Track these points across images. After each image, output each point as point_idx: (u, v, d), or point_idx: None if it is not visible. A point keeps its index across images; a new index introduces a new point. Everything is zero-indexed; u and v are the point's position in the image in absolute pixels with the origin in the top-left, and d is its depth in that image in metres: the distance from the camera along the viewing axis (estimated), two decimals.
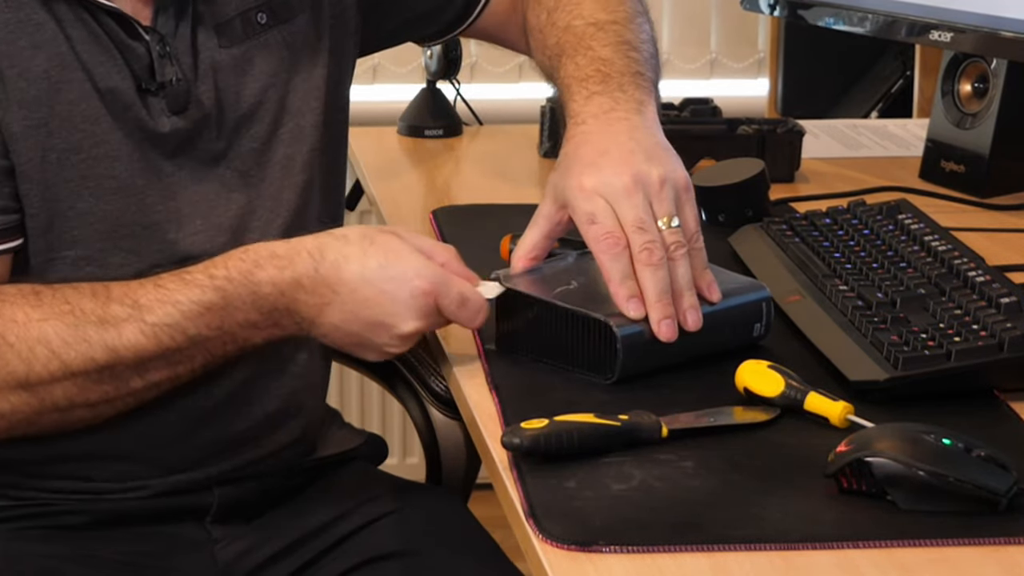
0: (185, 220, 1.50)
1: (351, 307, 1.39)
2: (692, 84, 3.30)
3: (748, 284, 1.49)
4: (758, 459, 1.26)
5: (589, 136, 1.47)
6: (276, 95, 1.55)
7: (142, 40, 1.47)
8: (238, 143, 1.53)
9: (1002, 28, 1.93)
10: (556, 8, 1.66)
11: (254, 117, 1.54)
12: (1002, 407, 1.37)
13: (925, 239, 1.61)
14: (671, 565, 1.12)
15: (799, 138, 2.09)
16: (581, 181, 1.42)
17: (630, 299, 1.39)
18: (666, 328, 1.39)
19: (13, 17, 1.42)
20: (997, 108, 2.04)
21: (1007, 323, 1.38)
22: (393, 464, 1.76)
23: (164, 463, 1.53)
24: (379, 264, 1.38)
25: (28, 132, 1.43)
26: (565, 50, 1.60)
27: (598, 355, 1.40)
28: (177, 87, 1.48)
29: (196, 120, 1.50)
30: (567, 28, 1.62)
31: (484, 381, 1.42)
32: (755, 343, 1.47)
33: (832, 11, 2.16)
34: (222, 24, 1.52)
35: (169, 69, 1.48)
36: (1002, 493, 1.18)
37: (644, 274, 1.39)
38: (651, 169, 1.43)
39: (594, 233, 1.40)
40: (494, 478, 1.28)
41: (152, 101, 1.48)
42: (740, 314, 1.46)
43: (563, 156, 1.48)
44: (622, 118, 1.49)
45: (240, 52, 1.53)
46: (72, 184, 1.45)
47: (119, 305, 1.39)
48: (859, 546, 1.14)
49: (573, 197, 1.42)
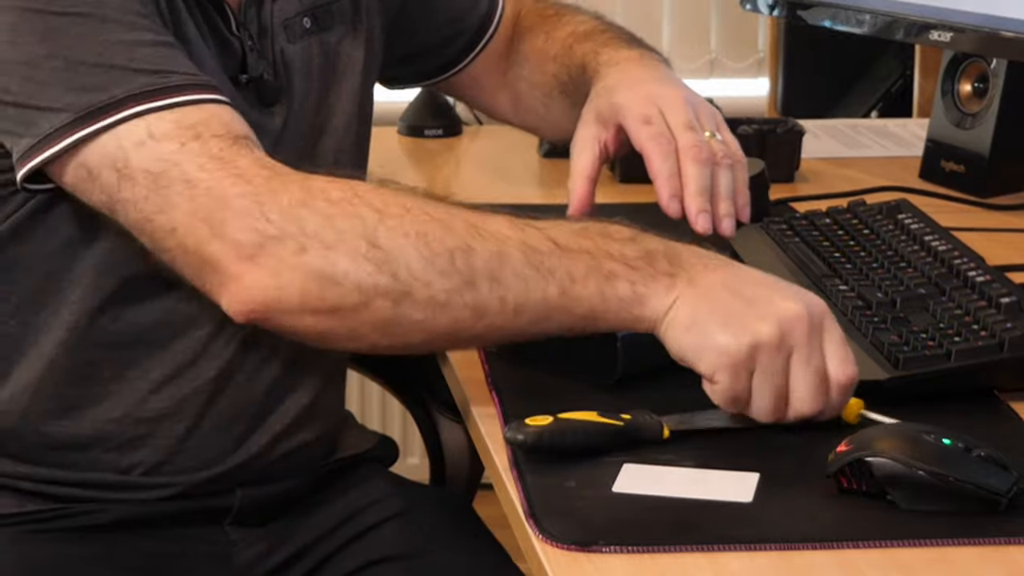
0: None
1: (741, 275, 1.29)
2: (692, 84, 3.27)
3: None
4: (758, 459, 1.26)
5: (630, 69, 1.60)
6: (316, 97, 1.57)
7: (236, 35, 1.49)
8: (298, 137, 1.55)
9: (1002, 28, 1.93)
10: (554, 28, 1.76)
11: (301, 114, 1.56)
12: (1002, 407, 1.37)
13: (925, 239, 1.61)
14: (671, 565, 1.12)
15: (799, 138, 2.09)
16: (635, 92, 1.54)
17: (672, 197, 1.45)
18: (703, 221, 1.44)
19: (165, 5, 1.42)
20: (997, 108, 2.04)
21: (1007, 323, 1.38)
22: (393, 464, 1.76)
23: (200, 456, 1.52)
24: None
25: None
26: (576, 42, 1.71)
27: (599, 356, 1.40)
28: (267, 81, 1.50)
29: (279, 113, 1.52)
30: (571, 33, 1.73)
31: (484, 381, 1.42)
32: None
33: (832, 11, 2.16)
34: (287, 21, 1.54)
35: (260, 64, 1.50)
36: (1002, 493, 1.18)
37: (689, 169, 1.45)
38: (695, 96, 1.56)
39: (648, 132, 1.49)
40: (494, 478, 1.28)
41: (246, 94, 1.49)
42: None
43: (603, 87, 1.58)
44: (656, 64, 1.63)
45: (299, 49, 1.55)
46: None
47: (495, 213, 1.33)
48: (859, 546, 1.14)
49: (628, 103, 1.52)
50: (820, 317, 1.27)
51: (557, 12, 1.81)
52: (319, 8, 1.58)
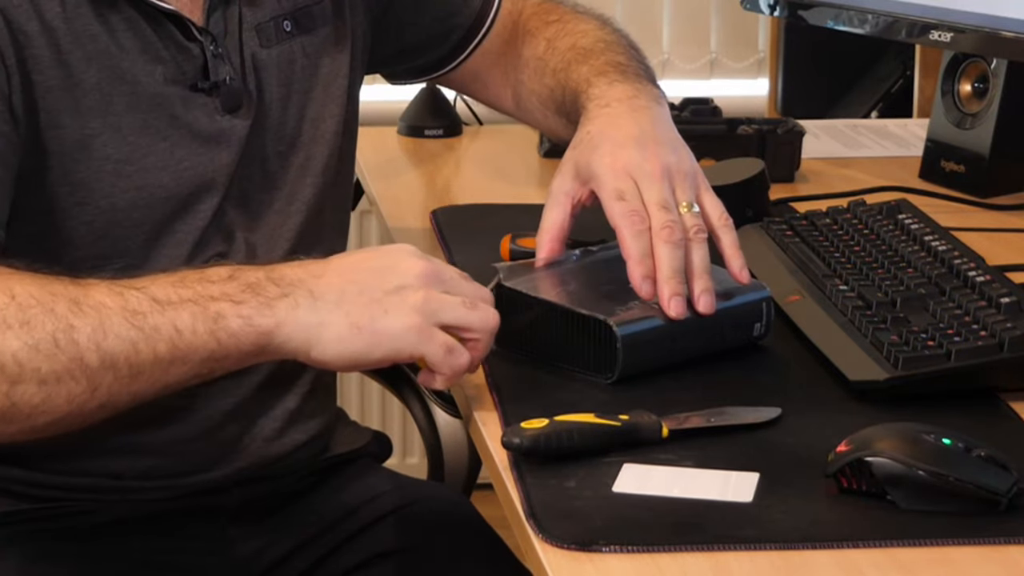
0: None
1: (348, 263, 1.35)
2: (692, 84, 3.30)
3: (749, 283, 1.49)
4: (758, 459, 1.26)
5: (616, 119, 1.54)
6: (299, 101, 1.57)
7: (196, 41, 1.49)
8: (269, 144, 1.55)
9: (1002, 28, 1.93)
10: (556, 36, 1.73)
11: (282, 119, 1.56)
12: (1002, 407, 1.37)
13: (925, 239, 1.61)
14: (671, 565, 1.12)
15: (799, 138, 2.09)
16: (613, 160, 1.49)
17: (645, 278, 1.42)
18: (676, 305, 1.41)
19: (70, 29, 1.43)
20: (997, 108, 2.04)
21: (1007, 323, 1.38)
22: (393, 464, 1.76)
23: (190, 461, 1.53)
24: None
25: (86, 140, 1.44)
26: (575, 59, 1.67)
27: (598, 355, 1.40)
28: (230, 86, 1.50)
29: (247, 118, 1.52)
30: (572, 47, 1.70)
31: (484, 381, 1.42)
32: (755, 343, 1.47)
33: (832, 11, 2.16)
34: (260, 25, 1.54)
35: (223, 68, 1.50)
36: (1002, 493, 1.18)
37: (662, 251, 1.42)
38: (676, 159, 1.50)
39: (621, 209, 1.45)
40: (494, 478, 1.28)
41: (205, 101, 1.49)
42: (740, 314, 1.46)
43: (587, 135, 1.53)
44: (645, 106, 1.56)
45: (275, 54, 1.55)
46: (128, 195, 1.46)
47: (99, 281, 1.35)
48: (859, 546, 1.14)
49: (603, 174, 1.48)
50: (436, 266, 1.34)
51: (561, 18, 1.78)
52: (300, 11, 1.57)
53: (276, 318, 1.30)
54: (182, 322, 1.29)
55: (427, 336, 1.31)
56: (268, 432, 1.56)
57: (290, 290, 1.32)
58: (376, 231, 3.25)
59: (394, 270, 1.33)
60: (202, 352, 1.30)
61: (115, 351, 1.28)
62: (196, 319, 1.30)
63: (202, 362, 1.31)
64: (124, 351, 1.28)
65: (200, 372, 1.32)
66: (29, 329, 1.27)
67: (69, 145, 1.43)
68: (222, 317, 1.30)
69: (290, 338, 1.31)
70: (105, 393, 1.29)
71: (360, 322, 1.31)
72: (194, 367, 1.31)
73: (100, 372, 1.28)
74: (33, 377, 1.27)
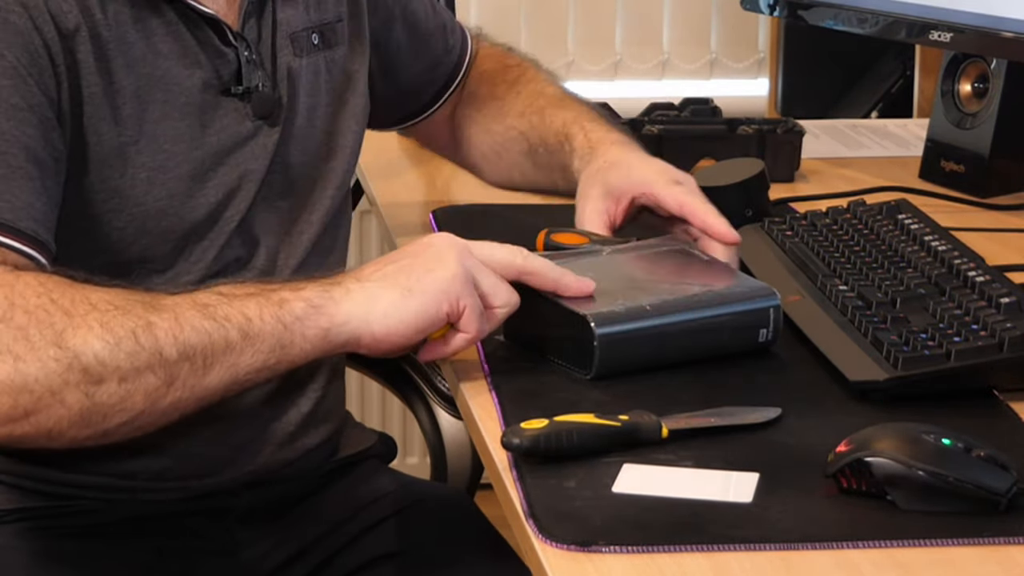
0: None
1: (381, 259, 1.39)
2: (692, 84, 3.30)
3: (757, 289, 1.49)
4: (758, 459, 1.26)
5: (629, 149, 1.69)
6: (323, 113, 1.59)
7: (232, 46, 1.51)
8: (296, 153, 1.57)
9: (1002, 28, 1.93)
10: (519, 81, 1.82)
11: (308, 130, 1.58)
12: (1002, 407, 1.37)
13: (925, 239, 1.61)
14: (671, 565, 1.12)
15: (799, 138, 2.09)
16: (651, 165, 1.65)
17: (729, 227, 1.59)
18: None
19: (111, 35, 1.44)
20: (997, 108, 2.04)
21: (1007, 323, 1.38)
22: (393, 463, 1.77)
23: (203, 464, 1.54)
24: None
25: (123, 148, 1.45)
26: (550, 105, 1.77)
27: (578, 351, 1.40)
28: (262, 92, 1.52)
29: (276, 125, 1.54)
30: (540, 93, 1.79)
31: (484, 381, 1.42)
32: (763, 348, 1.47)
33: (832, 11, 2.16)
34: (295, 35, 1.57)
35: (256, 74, 1.51)
36: (1002, 493, 1.18)
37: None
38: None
39: (682, 189, 1.61)
40: (494, 478, 1.28)
41: (237, 106, 1.51)
42: (741, 319, 1.46)
43: (607, 163, 1.66)
44: (640, 147, 1.72)
45: (305, 64, 1.57)
46: (160, 203, 1.47)
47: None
48: (859, 546, 1.14)
49: (649, 174, 1.63)
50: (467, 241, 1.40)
51: (520, 63, 1.86)
52: (326, 26, 1.60)
53: (334, 299, 1.34)
54: (250, 310, 1.33)
55: (470, 287, 1.36)
56: (281, 436, 1.57)
57: (339, 280, 1.37)
58: (376, 231, 3.25)
59: (428, 246, 1.39)
60: (270, 339, 1.33)
61: (191, 341, 1.31)
62: (262, 307, 1.33)
63: (271, 350, 1.33)
64: (200, 341, 1.31)
65: (268, 362, 1.33)
66: (110, 329, 1.29)
67: (107, 152, 1.45)
68: (286, 302, 1.34)
69: (350, 316, 1.34)
70: (180, 387, 1.31)
71: (408, 284, 1.35)
72: (263, 356, 1.33)
73: (177, 364, 1.30)
74: (115, 375, 1.29)
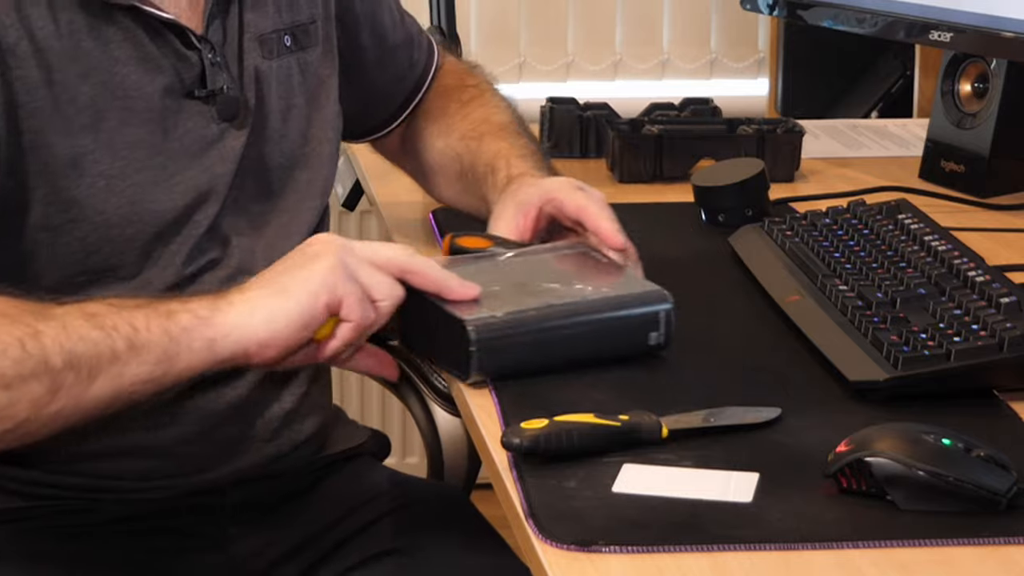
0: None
1: (265, 272, 1.39)
2: (692, 84, 3.30)
3: (649, 292, 1.46)
4: (758, 459, 1.26)
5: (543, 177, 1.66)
6: (298, 116, 1.59)
7: (195, 49, 1.50)
8: (270, 155, 1.56)
9: (1002, 28, 1.93)
10: (471, 103, 1.80)
11: (283, 132, 1.57)
12: (1002, 407, 1.37)
13: (925, 239, 1.61)
14: (671, 565, 1.12)
15: (799, 138, 2.09)
16: (556, 179, 1.62)
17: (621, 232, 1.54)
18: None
19: (63, 47, 1.43)
20: (997, 108, 2.04)
21: (1007, 323, 1.38)
22: (393, 463, 1.77)
23: (189, 462, 1.54)
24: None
25: (77, 159, 1.44)
26: (490, 132, 1.74)
27: (457, 354, 1.40)
28: (227, 95, 1.51)
29: (243, 127, 1.53)
30: (486, 120, 1.77)
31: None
32: (653, 352, 1.45)
33: (832, 11, 2.16)
34: (263, 36, 1.56)
35: (220, 77, 1.51)
36: (1002, 493, 1.18)
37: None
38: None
39: (584, 195, 1.57)
40: (494, 478, 1.28)
41: (202, 109, 1.50)
42: (629, 323, 1.44)
43: (520, 184, 1.62)
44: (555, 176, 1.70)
45: (275, 66, 1.57)
46: (122, 211, 1.46)
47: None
48: (859, 546, 1.14)
49: (554, 184, 1.59)
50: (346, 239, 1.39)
51: (477, 84, 1.84)
52: (298, 27, 1.59)
53: (220, 310, 1.34)
54: (138, 321, 1.33)
55: (347, 277, 1.35)
56: (265, 432, 1.56)
57: (225, 294, 1.37)
58: (376, 231, 3.25)
59: (308, 246, 1.38)
60: (156, 350, 1.32)
61: (77, 351, 1.30)
62: (150, 318, 1.34)
63: (157, 361, 1.33)
64: (86, 350, 1.31)
65: (154, 374, 1.33)
66: None
67: (59, 164, 1.43)
68: (174, 313, 1.34)
69: (234, 327, 1.34)
70: (64, 396, 1.31)
71: (284, 285, 1.35)
72: (148, 367, 1.32)
73: (62, 373, 1.30)
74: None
